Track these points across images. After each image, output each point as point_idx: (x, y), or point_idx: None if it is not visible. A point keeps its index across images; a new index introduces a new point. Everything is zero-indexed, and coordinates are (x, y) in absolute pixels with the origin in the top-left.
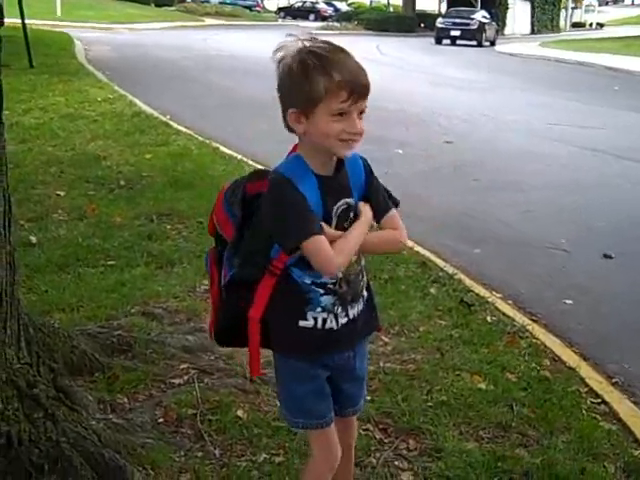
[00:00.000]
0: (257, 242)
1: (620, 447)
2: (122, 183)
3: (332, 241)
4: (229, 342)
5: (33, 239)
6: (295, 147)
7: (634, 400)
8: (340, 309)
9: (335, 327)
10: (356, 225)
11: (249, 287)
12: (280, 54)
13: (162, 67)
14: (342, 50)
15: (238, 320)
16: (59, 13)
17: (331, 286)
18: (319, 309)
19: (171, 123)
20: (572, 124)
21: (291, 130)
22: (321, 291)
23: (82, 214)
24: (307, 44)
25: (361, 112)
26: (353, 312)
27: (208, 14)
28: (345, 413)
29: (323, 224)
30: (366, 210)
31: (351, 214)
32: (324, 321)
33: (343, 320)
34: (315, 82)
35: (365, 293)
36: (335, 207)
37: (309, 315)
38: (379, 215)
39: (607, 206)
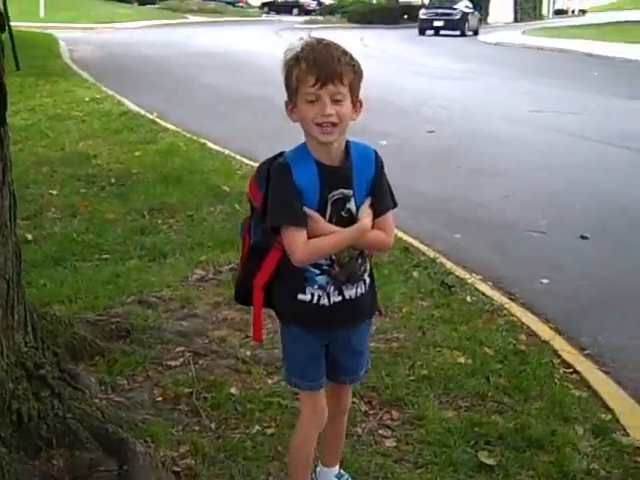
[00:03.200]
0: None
1: (589, 411)
2: (113, 180)
3: (319, 234)
4: (243, 300)
5: (29, 236)
6: None
7: (604, 369)
8: (332, 288)
9: (327, 304)
10: (344, 231)
11: (261, 256)
12: (286, 57)
13: (147, 65)
14: (321, 42)
15: (250, 283)
16: (43, 14)
17: (326, 267)
18: (316, 286)
19: (158, 121)
20: (552, 110)
21: (293, 120)
22: (317, 271)
23: (75, 211)
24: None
25: (337, 100)
26: (349, 293)
27: (191, 11)
28: (338, 380)
29: (316, 215)
30: (363, 222)
31: (348, 205)
32: (319, 297)
33: (337, 299)
34: (291, 73)
35: (367, 278)
36: (330, 195)
37: (307, 290)
38: (377, 213)
39: (584, 189)
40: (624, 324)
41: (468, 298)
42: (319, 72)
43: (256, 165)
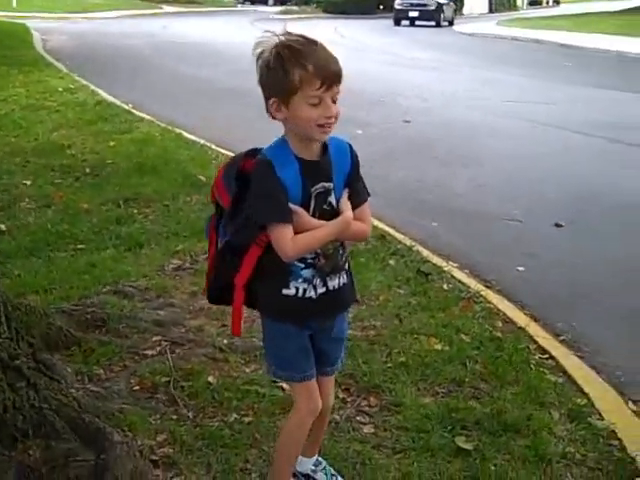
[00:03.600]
0: (247, 217)
1: (565, 396)
2: (87, 171)
3: (305, 229)
4: (218, 301)
5: (2, 227)
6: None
7: (579, 355)
8: (318, 280)
9: (314, 296)
10: (330, 224)
11: (239, 255)
12: (259, 49)
13: (122, 56)
14: (315, 42)
15: (226, 283)
16: (15, 4)
17: (311, 261)
18: (300, 280)
19: (133, 111)
20: (526, 100)
21: (274, 118)
22: (302, 265)
23: (49, 201)
24: (283, 39)
25: (334, 100)
26: (333, 284)
27: (166, 1)
28: (323, 371)
29: (300, 210)
30: (346, 215)
31: (329, 198)
32: (304, 290)
33: (321, 290)
34: (291, 73)
35: (347, 267)
36: (313, 189)
37: (291, 285)
38: (355, 204)
39: (558, 178)
40: (597, 310)
41: (445, 286)
42: (326, 75)
43: (232, 155)
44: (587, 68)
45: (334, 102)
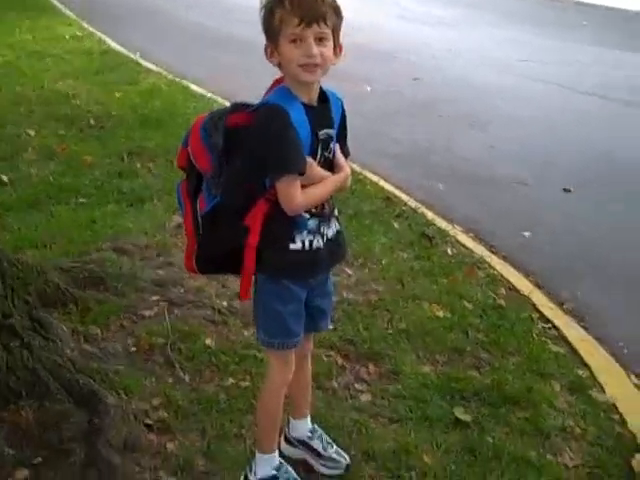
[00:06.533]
0: (249, 172)
1: (566, 368)
2: (92, 122)
3: (312, 181)
4: (211, 270)
5: (4, 178)
6: (275, 83)
7: (583, 325)
8: (323, 229)
9: (321, 246)
10: (335, 178)
11: (240, 214)
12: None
13: (132, 3)
14: None
15: (222, 249)
16: None
17: (314, 210)
18: (305, 232)
19: (141, 61)
20: (539, 60)
21: (273, 64)
22: (307, 216)
23: (52, 153)
24: None
25: (321, 39)
26: (329, 232)
27: None
28: (320, 327)
29: (311, 160)
30: (347, 169)
31: (331, 145)
32: (310, 242)
33: (325, 239)
34: (273, 14)
35: (336, 213)
36: (320, 135)
37: (297, 238)
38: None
39: (569, 141)
40: (604, 280)
41: (449, 250)
42: (303, 12)
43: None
44: (604, 28)
45: (320, 43)
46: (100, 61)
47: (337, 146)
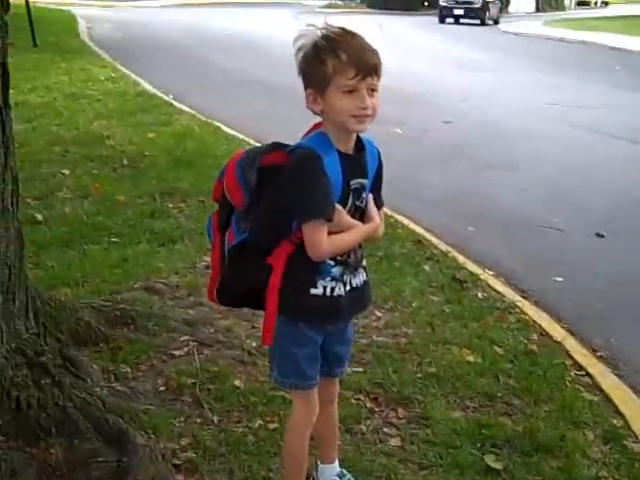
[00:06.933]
0: (277, 212)
1: (600, 417)
2: (125, 162)
3: (340, 229)
4: (231, 302)
5: (39, 216)
6: (313, 127)
7: (617, 373)
8: (347, 278)
9: (343, 294)
10: (364, 228)
11: (263, 254)
12: (300, 42)
13: (165, 46)
14: (352, 33)
15: (244, 284)
16: None
17: (340, 258)
18: (328, 278)
19: (174, 103)
20: (571, 104)
21: (312, 111)
22: (332, 263)
23: (86, 192)
24: (323, 31)
25: (372, 90)
26: (356, 281)
27: None
28: (335, 373)
29: (340, 208)
30: (377, 220)
31: (363, 194)
32: (332, 289)
33: (347, 287)
34: (325, 63)
35: (365, 263)
36: (352, 184)
37: (319, 284)
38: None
39: (602, 185)
40: (638, 327)
41: (480, 294)
42: (360, 65)
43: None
44: (637, 72)
45: (371, 95)
46: (134, 102)
47: (370, 196)
